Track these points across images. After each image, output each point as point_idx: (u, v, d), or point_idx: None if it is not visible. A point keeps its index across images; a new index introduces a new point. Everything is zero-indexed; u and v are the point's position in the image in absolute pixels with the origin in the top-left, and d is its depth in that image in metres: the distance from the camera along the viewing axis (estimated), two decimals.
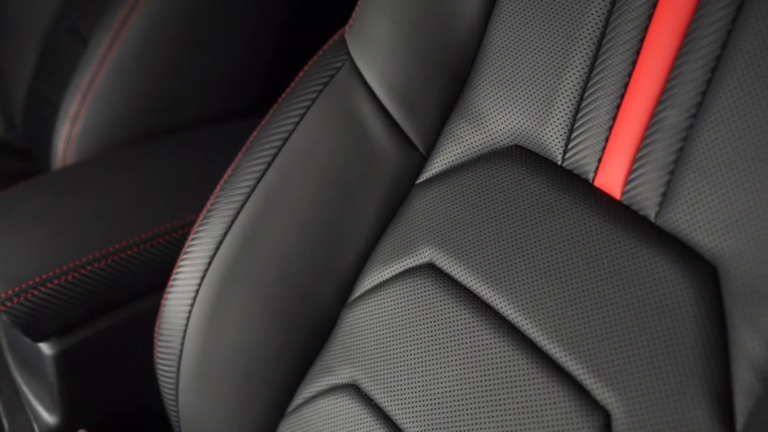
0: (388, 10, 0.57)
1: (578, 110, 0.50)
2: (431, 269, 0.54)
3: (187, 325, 0.60)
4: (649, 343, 0.43)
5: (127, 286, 0.72)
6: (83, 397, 0.74)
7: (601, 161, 0.49)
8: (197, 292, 0.59)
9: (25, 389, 0.77)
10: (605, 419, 0.44)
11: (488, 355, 0.49)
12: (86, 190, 0.78)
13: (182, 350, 0.60)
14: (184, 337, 0.60)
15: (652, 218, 0.46)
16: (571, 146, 0.51)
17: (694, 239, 0.44)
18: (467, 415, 0.49)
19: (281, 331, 0.59)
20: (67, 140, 0.89)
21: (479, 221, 0.53)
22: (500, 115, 0.54)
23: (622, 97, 0.48)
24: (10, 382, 0.79)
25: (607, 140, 0.49)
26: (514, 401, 0.47)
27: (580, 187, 0.50)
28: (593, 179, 0.50)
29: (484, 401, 0.48)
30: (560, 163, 0.51)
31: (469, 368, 0.49)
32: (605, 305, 0.45)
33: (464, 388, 0.49)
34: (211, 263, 0.59)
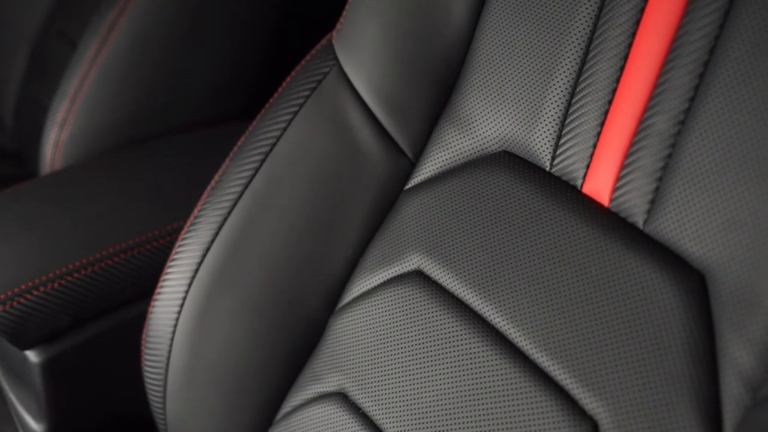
0: (375, 14, 0.57)
1: (566, 116, 0.50)
2: (419, 276, 0.53)
3: (174, 332, 0.59)
4: (637, 352, 0.43)
5: (114, 293, 0.71)
6: (70, 405, 0.73)
7: (589, 167, 0.49)
8: (184, 299, 0.59)
9: (11, 397, 0.77)
10: (593, 429, 0.43)
11: (476, 363, 0.48)
12: (73, 196, 0.77)
13: (169, 358, 0.60)
14: (171, 344, 0.59)
15: (640, 225, 0.46)
16: (559, 152, 0.50)
17: (682, 247, 0.44)
18: (455, 424, 0.48)
19: (269, 338, 0.58)
20: (55, 145, 0.89)
21: (467, 228, 0.52)
22: (488, 120, 0.54)
23: (610, 102, 0.48)
24: None
25: (595, 146, 0.48)
26: (501, 410, 0.47)
27: (568, 193, 0.49)
28: (581, 186, 0.49)
29: (471, 410, 0.48)
30: (548, 169, 0.51)
31: (457, 377, 0.49)
32: (593, 314, 0.45)
33: (452, 397, 0.49)
34: (198, 270, 0.58)
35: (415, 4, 0.55)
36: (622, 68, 0.47)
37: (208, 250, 0.58)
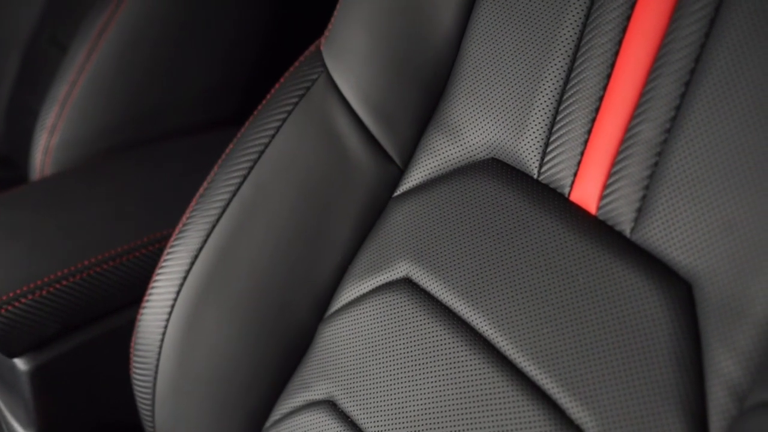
0: (363, 21, 0.56)
1: (553, 123, 0.50)
2: (407, 284, 0.53)
3: (162, 340, 0.59)
4: (623, 361, 0.43)
5: (102, 300, 0.71)
6: (59, 413, 0.73)
7: (576, 175, 0.49)
8: (173, 306, 0.58)
9: (0, 405, 0.76)
10: None
11: (464, 372, 0.48)
12: (61, 203, 0.77)
13: (158, 366, 0.59)
14: (159, 352, 0.59)
15: (627, 234, 0.46)
16: (547, 160, 0.50)
17: (668, 256, 0.43)
18: (442, 431, 0.48)
19: (258, 345, 0.58)
20: (45, 151, 0.89)
21: (455, 235, 0.52)
22: (476, 127, 0.54)
23: (597, 110, 0.48)
24: None
25: (582, 154, 0.48)
26: (489, 419, 0.46)
27: (555, 201, 0.49)
28: (569, 193, 0.49)
29: (459, 418, 0.48)
30: (536, 176, 0.51)
31: (444, 385, 0.49)
32: (580, 322, 0.45)
33: (440, 405, 0.49)
34: (186, 277, 0.58)
35: (402, 11, 0.55)
36: (608, 76, 0.47)
37: (196, 257, 0.58)
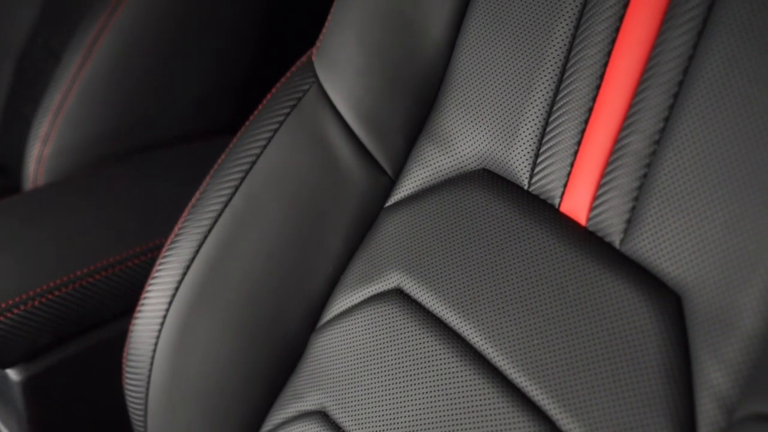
0: (354, 32, 0.56)
1: (544, 134, 0.50)
2: (399, 295, 0.53)
3: (155, 350, 0.59)
4: (613, 372, 0.43)
5: (95, 310, 0.71)
6: (52, 423, 0.73)
7: (566, 186, 0.49)
8: (165, 317, 0.58)
9: None
10: None
11: (455, 383, 0.48)
12: (53, 213, 0.77)
13: (150, 375, 0.59)
14: (152, 362, 0.59)
15: (617, 245, 0.46)
16: (537, 171, 0.50)
17: (658, 267, 0.43)
18: None
19: (250, 356, 0.58)
20: (38, 161, 0.89)
21: (447, 246, 0.52)
22: (467, 138, 0.54)
23: (586, 121, 0.48)
24: None
25: (572, 165, 0.48)
26: (479, 429, 0.46)
27: (546, 212, 0.49)
28: (559, 204, 0.49)
29: (450, 429, 0.48)
30: (527, 187, 0.51)
31: (436, 396, 0.49)
32: (571, 334, 0.45)
33: (431, 416, 0.49)
34: (178, 288, 0.58)
35: (393, 22, 0.55)
36: (598, 87, 0.47)
37: (188, 267, 0.58)
